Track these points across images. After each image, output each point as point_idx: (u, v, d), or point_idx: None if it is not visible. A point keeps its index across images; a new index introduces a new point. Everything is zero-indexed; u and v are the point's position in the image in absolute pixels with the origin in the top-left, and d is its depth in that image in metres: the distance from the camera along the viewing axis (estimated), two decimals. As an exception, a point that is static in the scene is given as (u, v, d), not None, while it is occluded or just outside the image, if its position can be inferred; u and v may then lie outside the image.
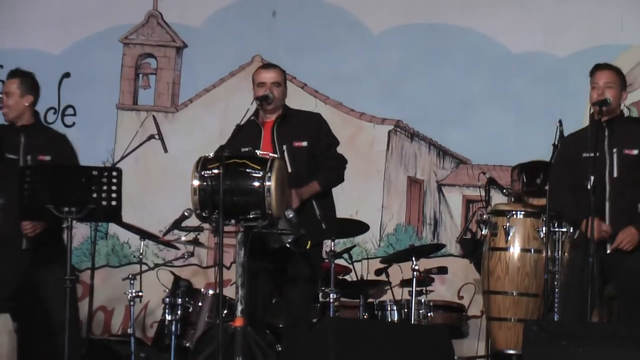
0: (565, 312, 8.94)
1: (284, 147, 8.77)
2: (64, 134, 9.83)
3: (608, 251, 8.68)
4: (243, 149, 8.69)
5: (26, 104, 9.40)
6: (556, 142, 9.39)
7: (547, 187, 9.52)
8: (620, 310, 8.98)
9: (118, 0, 12.45)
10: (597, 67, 9.10)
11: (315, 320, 9.72)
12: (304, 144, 8.92)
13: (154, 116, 12.41)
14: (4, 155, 9.12)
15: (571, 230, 9.40)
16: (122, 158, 11.30)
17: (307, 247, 8.93)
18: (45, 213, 8.90)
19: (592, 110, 8.85)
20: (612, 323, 8.95)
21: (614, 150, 8.83)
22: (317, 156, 8.96)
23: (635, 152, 8.81)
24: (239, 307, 8.26)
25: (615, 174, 8.78)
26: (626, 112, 9.27)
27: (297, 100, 9.54)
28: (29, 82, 9.48)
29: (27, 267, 9.18)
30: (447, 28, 12.40)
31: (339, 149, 9.10)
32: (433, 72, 12.34)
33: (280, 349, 9.21)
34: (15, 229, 9.07)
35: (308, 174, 8.86)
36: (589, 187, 8.60)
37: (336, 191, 9.23)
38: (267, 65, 9.41)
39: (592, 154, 8.68)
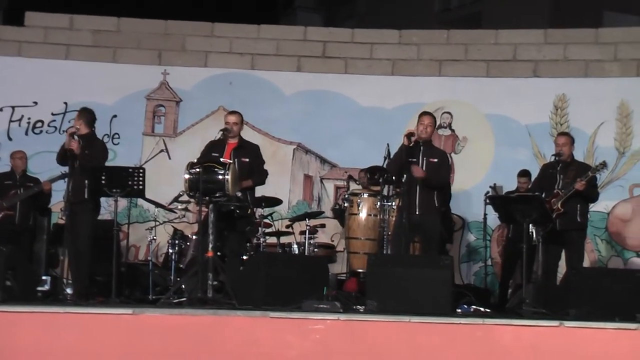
0: (394, 248, 8.91)
1: (236, 160, 8.77)
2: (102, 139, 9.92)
3: (417, 213, 8.74)
4: (214, 154, 8.74)
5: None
6: (385, 155, 9.34)
7: (381, 180, 9.57)
8: (421, 248, 9.05)
9: (143, 75, 12.29)
10: (424, 113, 9.10)
11: (252, 253, 9.69)
12: (247, 160, 8.97)
13: (163, 139, 12.29)
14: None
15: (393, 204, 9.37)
16: (146, 162, 11.27)
17: (249, 212, 8.98)
18: (103, 192, 8.88)
19: (410, 138, 8.82)
20: (417, 255, 8.99)
21: (424, 159, 8.88)
22: (253, 167, 9.00)
23: (435, 160, 8.88)
24: (210, 245, 8.26)
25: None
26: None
27: (244, 131, 9.46)
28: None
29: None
30: (329, 92, 12.32)
31: (266, 164, 9.22)
32: (320, 117, 12.27)
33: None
34: (82, 193, 8.95)
35: (247, 175, 8.89)
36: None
37: (267, 182, 9.31)
38: (232, 111, 9.38)
39: (414, 159, 8.78)
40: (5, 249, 8.30)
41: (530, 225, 8.64)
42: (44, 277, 10.10)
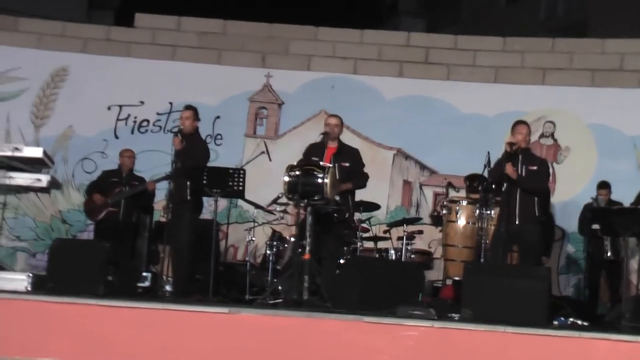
0: (492, 257, 8.80)
1: (336, 165, 8.74)
2: (206, 141, 10.09)
3: (517, 222, 8.63)
4: (314, 158, 8.74)
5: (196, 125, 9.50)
6: (485, 163, 9.16)
7: (480, 188, 9.46)
8: (520, 257, 8.93)
9: (246, 77, 12.42)
10: (520, 122, 9.02)
11: (348, 257, 9.67)
12: (347, 164, 8.96)
13: (264, 141, 12.38)
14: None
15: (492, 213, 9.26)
16: (247, 163, 11.32)
17: (346, 215, 8.96)
18: (204, 191, 8.99)
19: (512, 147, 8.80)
20: (514, 264, 8.89)
21: (523, 167, 8.78)
22: (353, 171, 8.98)
23: (534, 167, 8.79)
24: (307, 248, 8.26)
25: None
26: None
27: (344, 135, 9.50)
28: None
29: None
30: (429, 98, 12.26)
31: (365, 168, 9.23)
32: (420, 122, 12.20)
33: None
34: (184, 194, 9.12)
35: (346, 178, 8.88)
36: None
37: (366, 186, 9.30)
38: (332, 114, 9.41)
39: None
40: (108, 244, 8.48)
41: (608, 239, 8.50)
42: (144, 274, 10.29)
